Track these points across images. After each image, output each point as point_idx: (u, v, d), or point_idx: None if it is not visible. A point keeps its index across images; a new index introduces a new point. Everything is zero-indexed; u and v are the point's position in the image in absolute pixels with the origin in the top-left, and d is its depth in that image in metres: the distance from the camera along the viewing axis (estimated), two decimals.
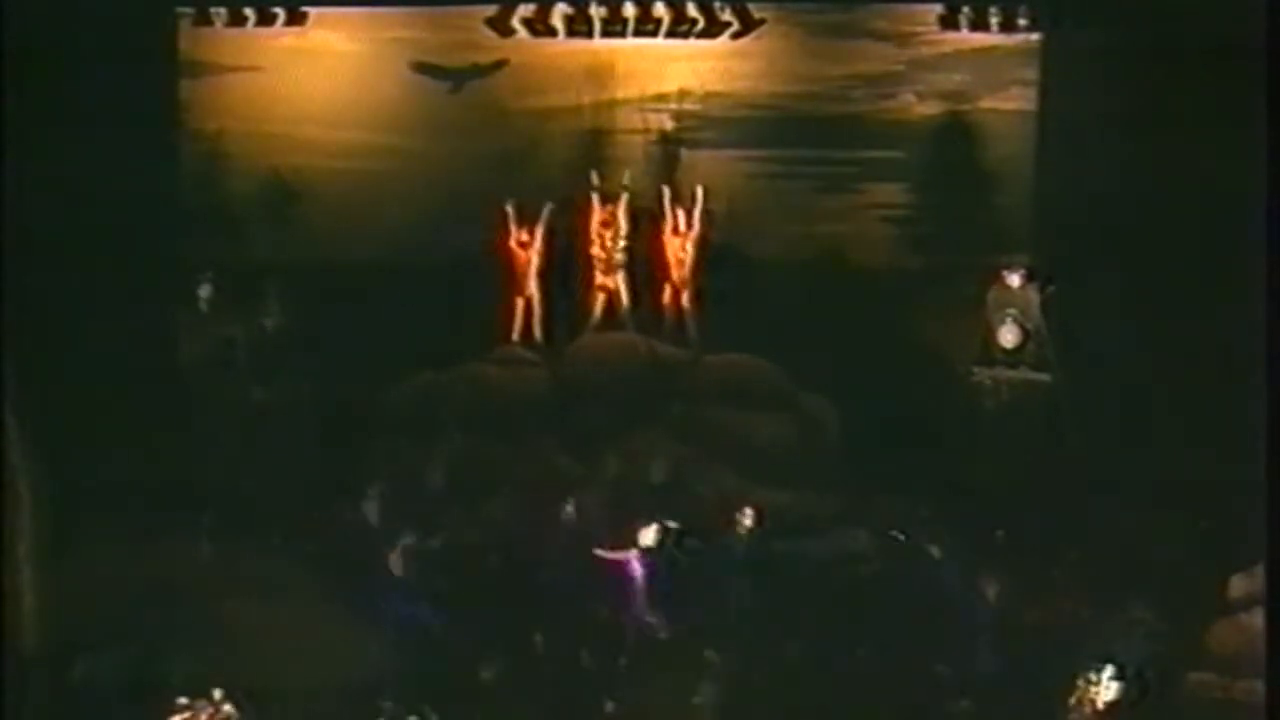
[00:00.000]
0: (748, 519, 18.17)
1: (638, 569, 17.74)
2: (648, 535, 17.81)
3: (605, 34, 21.73)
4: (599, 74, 21.72)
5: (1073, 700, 15.39)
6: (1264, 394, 15.38)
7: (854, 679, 17.40)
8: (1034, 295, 20.54)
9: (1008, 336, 20.53)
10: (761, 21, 21.67)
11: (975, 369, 20.65)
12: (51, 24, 19.23)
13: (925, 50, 21.67)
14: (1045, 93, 21.24)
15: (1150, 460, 19.05)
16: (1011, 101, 21.49)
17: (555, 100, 21.80)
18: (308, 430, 20.09)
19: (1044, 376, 20.46)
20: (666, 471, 19.59)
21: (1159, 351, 19.61)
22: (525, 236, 20.90)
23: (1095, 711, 15.29)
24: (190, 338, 20.79)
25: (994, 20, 21.36)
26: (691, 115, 21.72)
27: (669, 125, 21.70)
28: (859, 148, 21.76)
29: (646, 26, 21.66)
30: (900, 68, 21.70)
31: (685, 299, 20.94)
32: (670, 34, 21.73)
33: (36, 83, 18.87)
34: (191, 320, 20.82)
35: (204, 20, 21.70)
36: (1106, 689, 15.27)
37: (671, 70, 21.79)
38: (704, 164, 21.65)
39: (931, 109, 21.68)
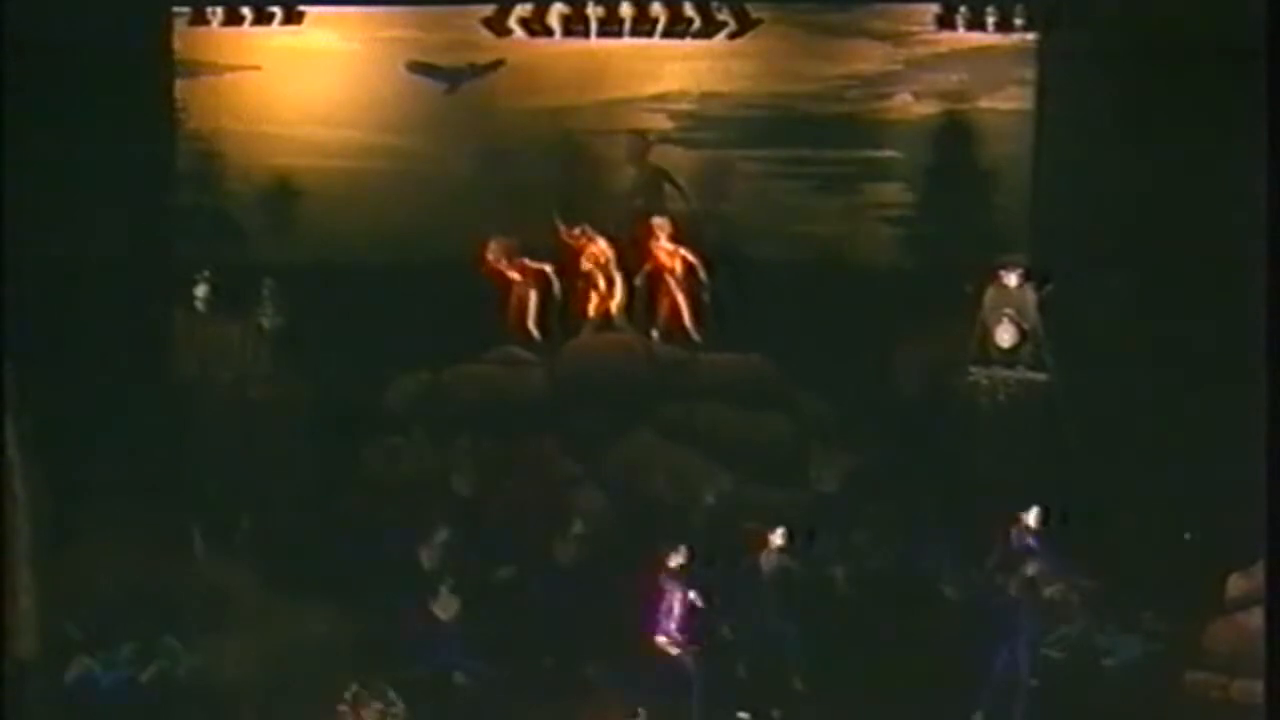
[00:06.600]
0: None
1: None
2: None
3: (602, 34, 21.68)
4: (595, 74, 21.70)
5: None
6: (1264, 394, 15.43)
7: (853, 678, 17.46)
8: (1031, 295, 20.51)
9: (1005, 336, 20.51)
10: (758, 21, 21.63)
11: (972, 368, 20.60)
12: (47, 24, 19.19)
13: (922, 50, 21.64)
14: (1042, 92, 21.20)
15: (1148, 460, 19.07)
16: (1008, 101, 21.45)
17: (551, 100, 21.77)
18: (305, 430, 20.06)
19: (1041, 376, 20.42)
20: None
21: (1156, 351, 19.61)
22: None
23: None
24: (187, 337, 20.75)
25: (990, 20, 21.34)
26: (688, 115, 21.71)
27: (666, 125, 21.68)
28: (856, 147, 21.72)
29: (643, 26, 21.61)
30: (897, 67, 21.66)
31: (682, 299, 20.90)
32: (667, 34, 21.68)
33: (32, 83, 18.84)
34: (188, 320, 20.77)
35: (200, 19, 21.63)
36: None
37: (668, 70, 21.77)
38: (701, 163, 21.64)
39: (928, 108, 21.63)
